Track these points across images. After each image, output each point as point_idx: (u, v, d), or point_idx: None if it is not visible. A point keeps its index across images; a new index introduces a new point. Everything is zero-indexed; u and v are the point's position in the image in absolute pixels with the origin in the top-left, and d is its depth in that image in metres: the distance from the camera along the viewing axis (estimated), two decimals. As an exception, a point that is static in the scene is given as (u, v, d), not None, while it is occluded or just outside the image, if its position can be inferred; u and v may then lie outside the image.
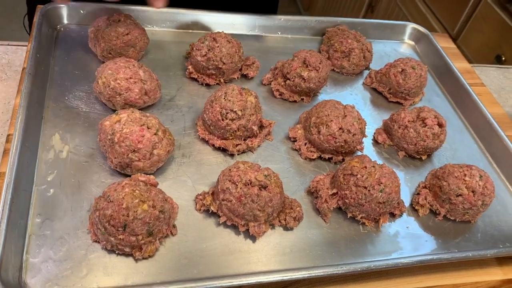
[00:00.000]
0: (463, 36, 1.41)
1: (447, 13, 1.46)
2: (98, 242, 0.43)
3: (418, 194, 0.54)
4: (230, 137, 0.52)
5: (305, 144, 0.56)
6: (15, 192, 0.42)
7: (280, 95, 0.61)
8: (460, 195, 0.51)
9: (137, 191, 0.41)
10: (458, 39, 1.42)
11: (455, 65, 0.72)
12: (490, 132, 0.64)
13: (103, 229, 0.41)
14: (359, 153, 0.56)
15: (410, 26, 0.77)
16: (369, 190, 0.48)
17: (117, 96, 0.51)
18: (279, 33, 0.71)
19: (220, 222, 0.46)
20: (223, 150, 0.53)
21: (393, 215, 0.52)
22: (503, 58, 1.24)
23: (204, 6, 0.67)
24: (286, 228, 0.48)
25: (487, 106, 0.66)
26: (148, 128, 0.47)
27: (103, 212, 0.41)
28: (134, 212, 0.40)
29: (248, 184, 0.45)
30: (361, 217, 0.50)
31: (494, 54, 1.28)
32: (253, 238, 0.46)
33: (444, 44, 0.78)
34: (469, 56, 1.36)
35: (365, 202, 0.48)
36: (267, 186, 0.45)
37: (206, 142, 0.53)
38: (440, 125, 0.57)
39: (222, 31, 0.59)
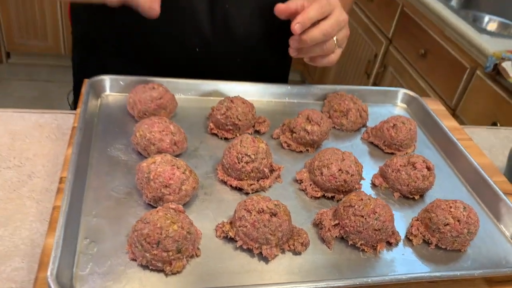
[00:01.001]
0: (461, 107, 1.53)
1: (445, 87, 1.60)
2: (135, 260, 0.51)
3: (412, 226, 0.61)
4: (245, 178, 0.62)
5: (310, 184, 0.64)
6: (68, 220, 0.51)
7: (288, 146, 0.71)
8: (447, 224, 0.58)
9: (168, 214, 0.50)
10: (456, 109, 1.54)
11: (444, 123, 0.81)
12: (477, 177, 0.71)
13: (140, 246, 0.49)
14: (358, 192, 0.65)
15: (402, 91, 0.88)
16: (365, 218, 0.56)
17: (152, 146, 0.62)
18: (287, 98, 0.83)
19: (237, 246, 0.54)
20: (239, 189, 0.62)
21: (389, 244, 0.59)
22: (498, 125, 1.34)
23: (223, 77, 0.80)
24: (295, 252, 0.55)
25: (474, 157, 0.75)
26: (178, 168, 0.57)
27: (140, 232, 0.49)
28: (166, 231, 0.49)
29: (261, 212, 0.53)
30: (361, 244, 0.57)
31: (490, 122, 1.39)
32: (266, 260, 0.54)
33: (433, 106, 0.89)
34: (467, 124, 1.47)
35: (363, 230, 0.56)
36: (277, 213, 0.53)
37: (225, 183, 0.63)
38: (428, 168, 0.66)
39: (238, 95, 0.71)
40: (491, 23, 1.97)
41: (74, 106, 1.02)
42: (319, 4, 0.68)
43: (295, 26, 0.67)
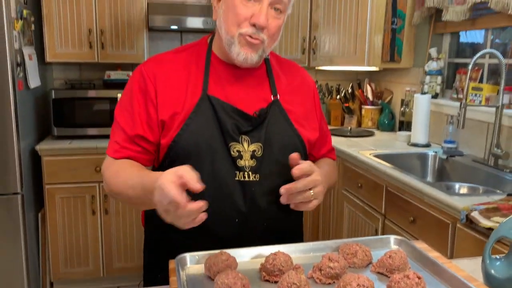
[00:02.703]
0: (454, 257, 1.81)
1: (436, 243, 1.90)
2: None
3: (416, 315, 0.88)
4: (296, 300, 0.90)
5: (340, 300, 0.92)
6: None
7: (320, 281, 1.01)
8: (438, 306, 0.85)
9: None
10: (452, 258, 1.82)
11: (429, 254, 1.12)
12: (458, 283, 0.99)
13: None
14: (374, 300, 0.92)
15: (392, 237, 1.21)
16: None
17: (229, 288, 0.92)
18: (311, 253, 1.15)
19: None
20: (293, 308, 0.90)
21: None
22: (487, 263, 1.61)
23: (256, 239, 1.15)
24: None
25: (456, 272, 1.04)
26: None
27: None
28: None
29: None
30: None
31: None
32: None
33: (419, 245, 1.21)
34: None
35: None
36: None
37: (282, 306, 0.91)
38: (419, 277, 0.95)
39: (278, 250, 1.05)
40: (461, 189, 2.40)
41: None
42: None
43: (282, 191, 1.14)
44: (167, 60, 1.30)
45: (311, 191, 1.15)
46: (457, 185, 2.43)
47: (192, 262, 1.09)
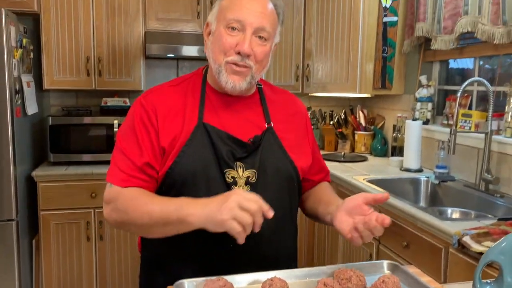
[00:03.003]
0: (448, 282, 1.83)
1: (430, 268, 1.93)
2: None
3: None
4: (292, 325, 0.93)
5: (336, 324, 0.95)
6: None
7: (315, 306, 1.03)
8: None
9: None
10: (446, 282, 1.84)
11: (422, 278, 1.15)
12: (450, 307, 1.02)
13: None
14: (369, 325, 0.95)
15: (385, 262, 1.24)
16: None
17: (227, 313, 0.94)
18: (307, 278, 1.17)
19: None
20: (289, 334, 0.92)
21: None
22: (479, 287, 1.64)
23: (250, 264, 1.18)
24: None
25: (447, 296, 1.07)
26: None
27: None
28: None
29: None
30: None
31: (473, 287, 1.68)
32: None
33: (411, 269, 1.23)
34: (456, 292, 1.75)
35: None
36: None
37: (279, 331, 0.93)
38: (412, 302, 0.98)
39: (275, 276, 1.07)
40: (453, 213, 2.43)
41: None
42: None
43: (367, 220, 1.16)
44: (165, 91, 1.35)
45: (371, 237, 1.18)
46: (449, 210, 2.47)
47: (191, 287, 1.11)
